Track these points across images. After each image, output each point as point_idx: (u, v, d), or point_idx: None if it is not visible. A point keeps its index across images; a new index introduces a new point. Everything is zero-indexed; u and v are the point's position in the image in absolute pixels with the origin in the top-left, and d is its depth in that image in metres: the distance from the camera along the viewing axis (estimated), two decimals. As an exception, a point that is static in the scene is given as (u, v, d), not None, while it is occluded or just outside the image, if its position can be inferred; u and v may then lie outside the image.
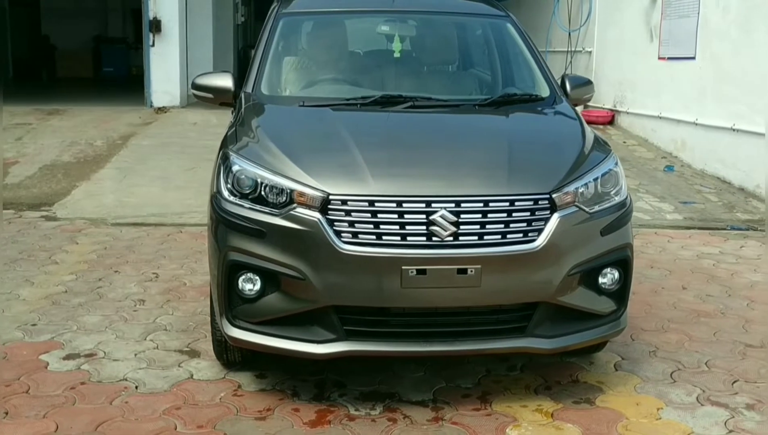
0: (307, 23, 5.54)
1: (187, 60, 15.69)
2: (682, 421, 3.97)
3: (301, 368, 4.40)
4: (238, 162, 4.00)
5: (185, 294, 5.77)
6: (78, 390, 4.20)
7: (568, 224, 3.85)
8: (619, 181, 4.17)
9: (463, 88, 5.35)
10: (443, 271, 3.71)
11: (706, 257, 7.07)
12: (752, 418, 4.03)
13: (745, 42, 9.62)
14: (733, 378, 4.50)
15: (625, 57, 12.80)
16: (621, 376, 4.50)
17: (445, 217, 3.71)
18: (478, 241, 3.75)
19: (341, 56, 5.38)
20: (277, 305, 3.86)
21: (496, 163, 4.01)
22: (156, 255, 6.81)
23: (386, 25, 5.37)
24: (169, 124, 13.13)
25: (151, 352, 4.72)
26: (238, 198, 3.93)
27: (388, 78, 5.12)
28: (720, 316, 5.54)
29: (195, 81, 4.97)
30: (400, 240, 3.72)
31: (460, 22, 5.68)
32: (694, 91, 10.71)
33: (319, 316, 3.81)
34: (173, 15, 14.99)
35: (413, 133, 4.45)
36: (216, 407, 4.04)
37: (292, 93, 4.99)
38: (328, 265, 3.72)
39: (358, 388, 4.26)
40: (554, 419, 3.97)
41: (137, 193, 9.11)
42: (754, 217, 8.67)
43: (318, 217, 3.72)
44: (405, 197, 3.74)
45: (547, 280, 3.84)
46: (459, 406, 4.08)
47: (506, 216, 3.79)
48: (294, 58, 5.26)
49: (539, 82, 5.06)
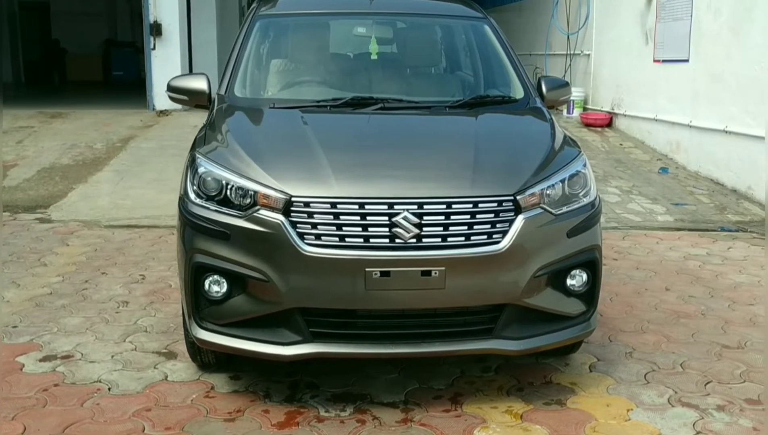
0: (283, 25, 5.55)
1: (191, 63, 15.75)
2: (651, 423, 3.98)
3: (276, 370, 4.43)
4: (204, 164, 4.04)
5: (169, 296, 5.81)
6: (50, 392, 4.23)
7: (533, 226, 3.86)
8: (588, 182, 4.18)
9: (437, 90, 5.36)
10: (407, 272, 3.73)
11: (692, 258, 7.06)
12: (721, 419, 4.03)
13: (736, 44, 9.61)
14: (707, 379, 4.50)
15: (622, 59, 12.79)
16: (595, 377, 4.51)
17: (408, 219, 3.73)
18: (441, 243, 3.77)
19: (315, 58, 5.40)
20: (243, 307, 3.89)
21: (461, 164, 4.02)
22: (145, 257, 6.86)
23: (362, 26, 5.40)
24: (170, 127, 13.19)
25: (128, 353, 4.76)
26: (204, 200, 3.97)
27: (362, 80, 5.13)
28: (700, 317, 5.54)
29: (170, 83, 5.01)
30: (363, 242, 3.73)
31: (437, 23, 5.69)
32: (688, 94, 10.70)
33: (285, 318, 3.84)
34: (174, 18, 15.06)
35: (379, 135, 4.47)
36: (186, 409, 4.07)
37: (265, 95, 5.02)
38: (291, 267, 3.74)
39: (331, 389, 4.28)
40: (523, 420, 3.98)
41: (132, 195, 9.18)
42: (745, 219, 8.67)
43: (281, 219, 3.75)
44: (367, 199, 3.75)
45: (513, 282, 3.85)
46: (429, 408, 4.10)
47: (470, 217, 3.80)
48: (268, 61, 5.28)
49: (514, 83, 5.08)
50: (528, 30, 16.84)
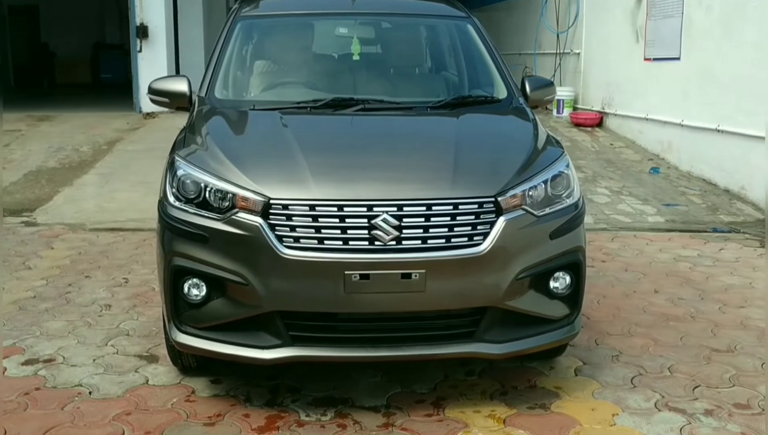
0: (264, 26, 5.48)
1: (178, 65, 15.67)
2: (636, 428, 3.92)
3: (257, 373, 4.37)
4: (183, 167, 3.99)
5: (152, 299, 5.74)
6: (31, 396, 4.18)
7: (515, 228, 3.80)
8: (571, 183, 4.12)
9: (419, 90, 5.29)
10: (387, 275, 3.67)
11: (683, 260, 7.01)
12: (709, 424, 3.97)
13: (728, 42, 9.56)
14: (695, 383, 4.44)
15: (612, 58, 12.75)
16: (580, 381, 4.46)
17: (387, 221, 3.67)
18: (421, 246, 3.71)
19: (297, 60, 5.34)
20: (223, 311, 3.84)
21: (441, 166, 3.97)
22: (129, 260, 6.80)
23: (344, 27, 5.34)
24: (156, 129, 13.12)
25: (110, 357, 4.70)
26: (183, 203, 3.91)
27: (343, 81, 5.08)
28: (689, 320, 5.49)
29: (151, 85, 4.94)
30: (342, 244, 3.68)
31: (420, 23, 5.64)
32: (679, 92, 10.66)
33: (265, 321, 3.78)
34: (160, 21, 15.00)
35: (359, 137, 4.41)
36: (166, 413, 4.01)
37: (246, 97, 4.97)
38: (270, 270, 3.69)
39: (312, 393, 4.23)
40: (506, 425, 3.92)
41: (118, 198, 9.11)
42: (738, 219, 8.62)
43: (259, 221, 3.70)
44: (346, 201, 3.70)
45: (494, 285, 3.79)
46: (411, 412, 4.04)
47: (450, 220, 3.74)
48: (249, 62, 5.22)
49: (497, 83, 5.02)
50: (517, 29, 16.79)
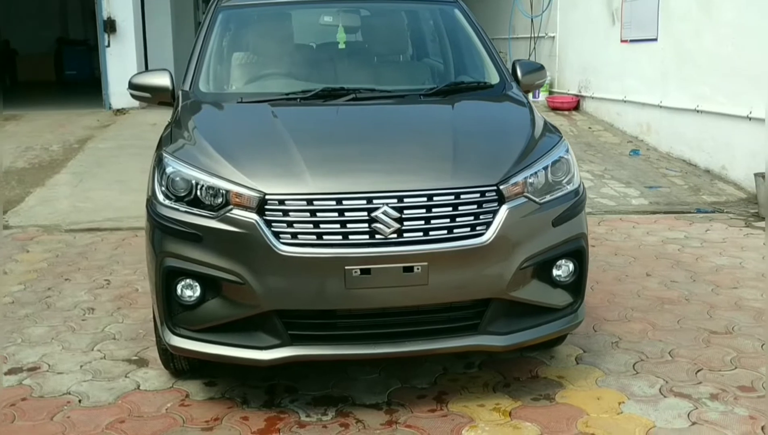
0: (247, 16, 5.32)
1: (147, 60, 15.39)
2: (644, 415, 3.85)
3: (252, 374, 4.24)
4: (172, 164, 3.83)
5: (136, 300, 5.59)
6: (18, 406, 4.02)
7: (518, 216, 3.70)
8: (571, 168, 4.03)
9: (409, 78, 5.17)
10: (388, 269, 3.55)
11: (671, 242, 6.97)
12: (716, 408, 3.91)
13: (706, 22, 9.51)
14: (697, 367, 4.38)
15: (588, 41, 12.69)
16: (582, 369, 4.37)
17: (388, 214, 3.55)
18: (423, 238, 3.59)
19: (282, 50, 5.19)
20: (218, 311, 3.70)
21: (440, 155, 3.86)
22: (109, 261, 6.62)
23: (329, 15, 5.19)
24: (127, 125, 12.88)
25: (97, 362, 4.55)
26: (173, 201, 3.76)
27: (331, 70, 4.94)
28: (684, 302, 5.43)
29: (131, 80, 4.78)
30: (342, 239, 3.55)
31: (406, 9, 5.51)
32: (657, 74, 10.61)
33: (263, 321, 3.65)
34: (128, 14, 14.69)
35: (354, 127, 4.28)
36: (162, 419, 3.87)
37: (231, 89, 4.80)
38: (267, 268, 3.55)
39: (310, 392, 4.11)
40: (512, 418, 3.83)
41: (93, 197, 8.89)
42: (720, 199, 8.61)
43: (255, 218, 3.56)
44: (345, 194, 3.57)
45: (498, 275, 3.69)
46: (414, 408, 3.94)
47: (452, 210, 3.63)
48: (233, 54, 5.05)
49: (489, 69, 4.92)
50: (490, 14, 16.66)
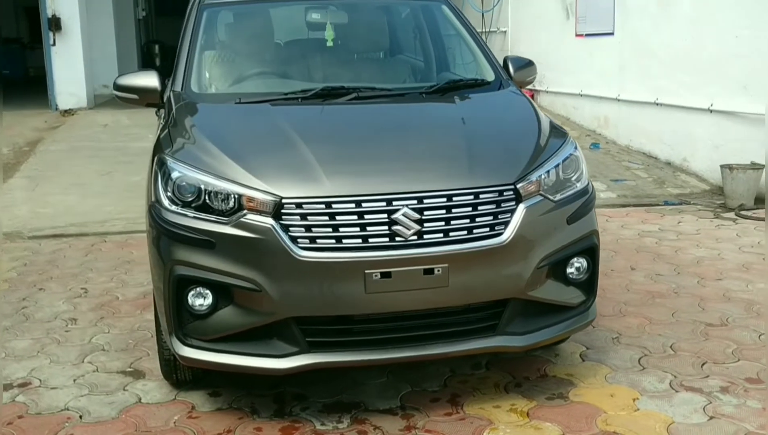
0: (233, 14, 5.18)
1: (91, 58, 15.04)
2: (661, 411, 3.84)
3: (257, 382, 4.11)
4: (177, 167, 3.67)
5: (119, 309, 5.40)
6: (16, 425, 3.83)
7: (535, 214, 3.66)
8: (580, 165, 4.00)
9: (406, 76, 5.09)
10: (409, 272, 3.47)
11: (647, 235, 7.02)
12: (729, 401, 3.92)
13: (664, 16, 9.63)
14: (701, 360, 4.40)
15: (541, 36, 12.74)
16: (589, 366, 4.36)
17: (408, 215, 3.47)
18: (443, 239, 3.52)
19: (274, 48, 5.06)
20: (232, 320, 3.56)
21: (456, 154, 3.79)
22: (82, 268, 6.40)
23: (317, 12, 5.07)
24: (78, 127, 12.54)
25: (91, 375, 4.36)
26: (180, 207, 3.60)
27: (327, 69, 4.82)
28: (674, 295, 5.47)
29: (117, 81, 4.59)
30: (362, 242, 3.46)
31: (395, 7, 5.43)
32: (614, 67, 10.71)
33: (279, 328, 3.54)
34: (74, 12, 14.29)
35: (363, 127, 4.18)
36: (171, 433, 3.72)
37: (226, 90, 4.63)
38: (285, 274, 3.44)
39: (321, 399, 4.00)
40: (530, 419, 3.78)
41: (53, 202, 8.60)
42: (685, 191, 8.72)
43: (271, 223, 3.44)
44: (364, 196, 3.47)
45: (517, 275, 3.64)
46: (430, 412, 3.86)
47: (471, 210, 3.57)
48: (224, 53, 4.90)
49: (483, 65, 4.86)
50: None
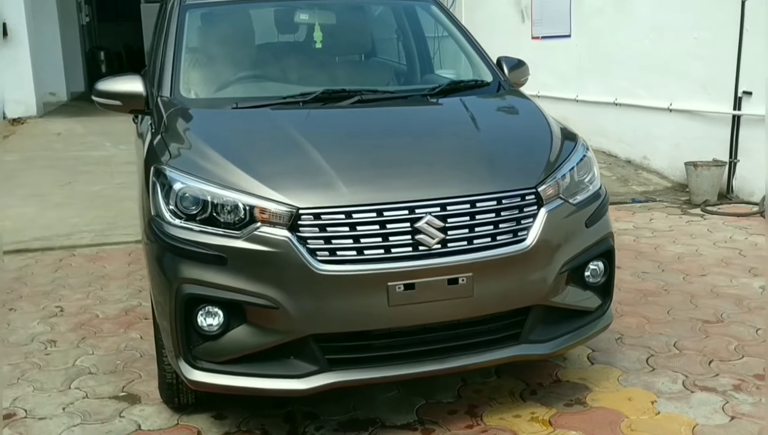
0: (216, 15, 4.97)
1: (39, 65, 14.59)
2: (682, 413, 3.79)
3: (262, 402, 3.93)
4: (178, 178, 3.45)
5: (101, 328, 5.15)
6: (9, 462, 3.60)
7: (556, 218, 3.57)
8: (593, 167, 3.94)
9: (407, 78, 4.99)
10: (433, 283, 3.34)
11: (624, 233, 7.01)
12: (744, 400, 3.90)
13: (621, 18, 9.69)
14: (707, 358, 4.37)
15: (496, 38, 12.60)
16: (599, 369, 4.29)
17: (432, 223, 3.34)
18: (467, 247, 3.40)
19: (264, 50, 4.89)
20: (246, 340, 3.36)
21: (476, 158, 3.68)
22: (54, 285, 6.10)
23: (305, 13, 4.91)
24: (29, 136, 12.11)
25: (81, 402, 4.11)
26: (184, 220, 3.39)
27: (324, 72, 4.68)
28: (664, 293, 5.45)
29: (98, 87, 4.34)
30: (384, 253, 3.31)
31: (385, 8, 5.31)
32: (572, 69, 10.75)
33: (297, 346, 3.37)
34: (20, 18, 13.81)
35: (374, 131, 4.04)
36: (181, 461, 3.55)
37: (220, 94, 4.42)
38: (304, 289, 3.27)
39: (334, 417, 3.84)
40: (554, 427, 3.69)
41: (11, 215, 8.21)
42: (649, 189, 8.78)
43: (287, 235, 3.27)
44: (386, 205, 3.32)
45: (541, 281, 3.54)
46: (450, 425, 3.74)
47: (495, 216, 3.45)
48: (213, 55, 4.71)
49: (479, 66, 4.79)
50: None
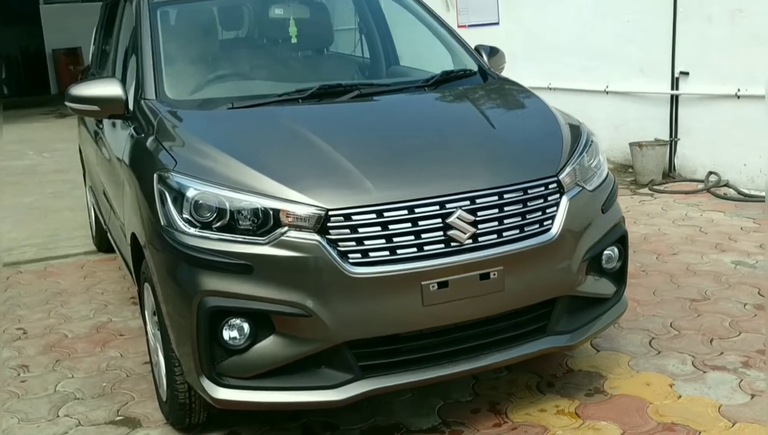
0: (191, 12, 4.73)
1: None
2: (703, 395, 3.78)
3: (275, 416, 3.76)
4: (190, 184, 3.25)
5: (74, 348, 4.84)
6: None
7: (577, 206, 3.51)
8: (598, 152, 3.88)
9: (399, 70, 4.85)
10: (465, 279, 3.23)
11: (583, 217, 7.04)
12: (757, 376, 3.92)
13: (550, 3, 9.74)
14: (707, 337, 4.40)
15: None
16: (607, 356, 4.26)
17: (463, 218, 3.23)
18: (497, 240, 3.30)
19: (242, 46, 4.68)
20: (276, 352, 3.18)
21: (497, 149, 3.59)
22: (8, 305, 5.70)
23: (279, 8, 4.72)
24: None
25: (76, 431, 3.84)
26: (199, 229, 3.20)
27: (314, 67, 4.52)
28: (644, 274, 5.47)
29: (72, 92, 4.07)
30: (417, 251, 3.18)
31: None
32: (503, 55, 10.74)
33: (327, 355, 3.21)
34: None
35: (384, 126, 3.89)
36: (204, 486, 3.34)
37: (209, 94, 4.16)
38: (336, 294, 3.12)
39: (354, 426, 3.69)
40: (583, 419, 3.63)
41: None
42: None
43: (317, 238, 3.11)
44: (417, 201, 3.20)
45: (566, 270, 3.47)
46: (477, 425, 3.64)
47: (522, 207, 3.36)
48: (192, 54, 4.47)
49: (462, 55, 4.71)
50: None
